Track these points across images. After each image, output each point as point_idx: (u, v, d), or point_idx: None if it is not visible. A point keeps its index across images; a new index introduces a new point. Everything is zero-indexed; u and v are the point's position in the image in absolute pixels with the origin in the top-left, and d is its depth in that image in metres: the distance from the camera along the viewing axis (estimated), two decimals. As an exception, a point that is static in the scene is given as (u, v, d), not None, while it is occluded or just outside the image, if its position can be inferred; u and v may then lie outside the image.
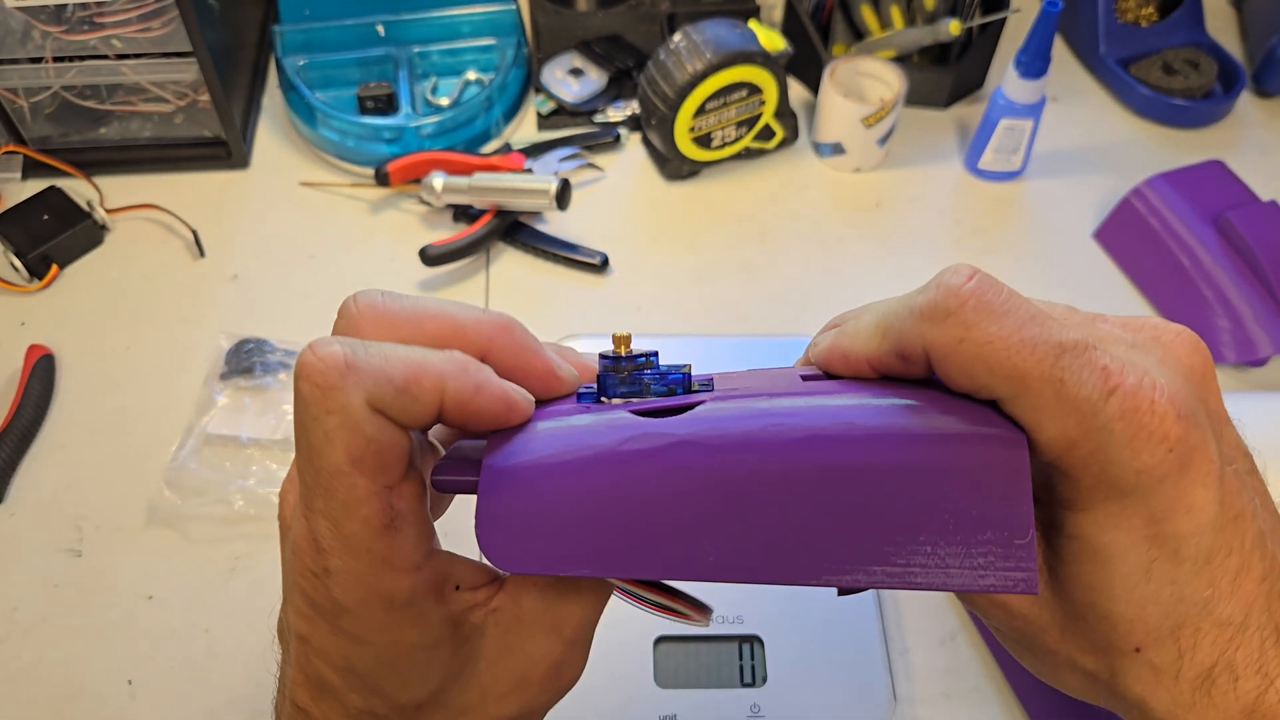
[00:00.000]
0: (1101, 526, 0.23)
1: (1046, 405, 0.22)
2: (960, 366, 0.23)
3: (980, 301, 0.22)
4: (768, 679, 0.49)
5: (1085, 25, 0.83)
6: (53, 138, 0.73)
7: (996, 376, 0.22)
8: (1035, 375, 0.22)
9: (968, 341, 0.22)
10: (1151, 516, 0.22)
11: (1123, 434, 0.22)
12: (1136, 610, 0.23)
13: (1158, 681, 0.23)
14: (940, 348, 0.23)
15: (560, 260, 0.69)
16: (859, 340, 0.25)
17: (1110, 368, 0.22)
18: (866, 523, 0.22)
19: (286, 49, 0.77)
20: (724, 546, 0.23)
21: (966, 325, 0.22)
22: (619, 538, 0.23)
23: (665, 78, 0.68)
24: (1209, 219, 0.66)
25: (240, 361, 0.61)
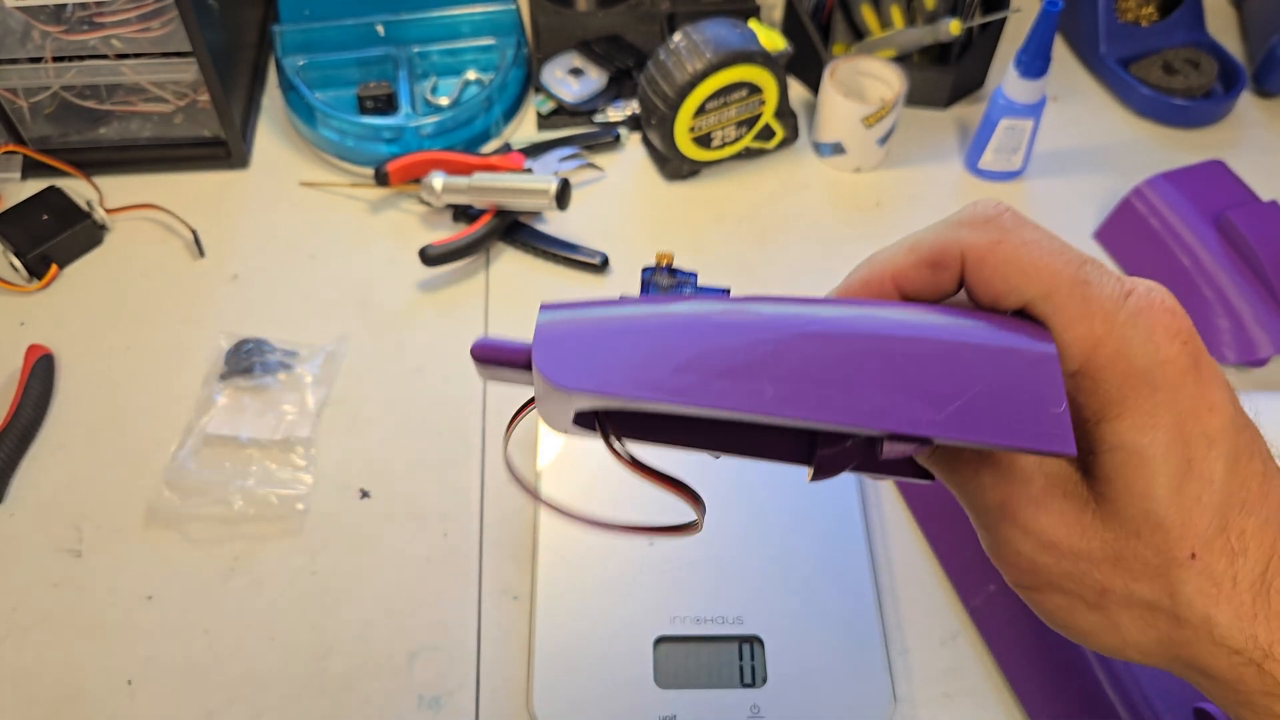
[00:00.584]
0: (1139, 428, 0.24)
1: (1074, 304, 0.24)
2: (996, 266, 0.25)
3: (1015, 214, 0.25)
4: (768, 679, 0.49)
5: (1085, 25, 0.83)
6: (52, 138, 0.73)
7: (1030, 275, 0.24)
8: (1065, 276, 0.24)
9: (1005, 243, 0.25)
10: (1180, 415, 0.24)
11: (1143, 328, 0.24)
12: (1186, 512, 0.24)
13: (1218, 591, 0.24)
14: (979, 249, 0.25)
15: (560, 260, 0.69)
16: (884, 257, 0.27)
17: (1122, 279, 0.25)
18: (915, 380, 0.24)
19: (286, 49, 0.77)
20: (782, 387, 0.24)
21: (1005, 229, 0.25)
22: (677, 371, 0.24)
23: (665, 77, 0.68)
24: (1209, 219, 0.66)
25: (240, 361, 0.61)
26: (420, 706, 0.50)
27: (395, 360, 0.64)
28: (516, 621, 0.53)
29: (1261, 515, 0.24)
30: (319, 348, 0.63)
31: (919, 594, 0.54)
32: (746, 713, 0.48)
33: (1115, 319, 0.24)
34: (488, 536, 0.56)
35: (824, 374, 0.24)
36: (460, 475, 0.58)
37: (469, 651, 0.52)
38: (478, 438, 0.60)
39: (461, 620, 0.53)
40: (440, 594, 0.54)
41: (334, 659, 0.52)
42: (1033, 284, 0.24)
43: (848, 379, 0.24)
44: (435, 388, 0.62)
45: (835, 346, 0.24)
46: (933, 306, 0.26)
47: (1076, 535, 0.25)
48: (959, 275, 0.26)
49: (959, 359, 0.24)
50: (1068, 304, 0.24)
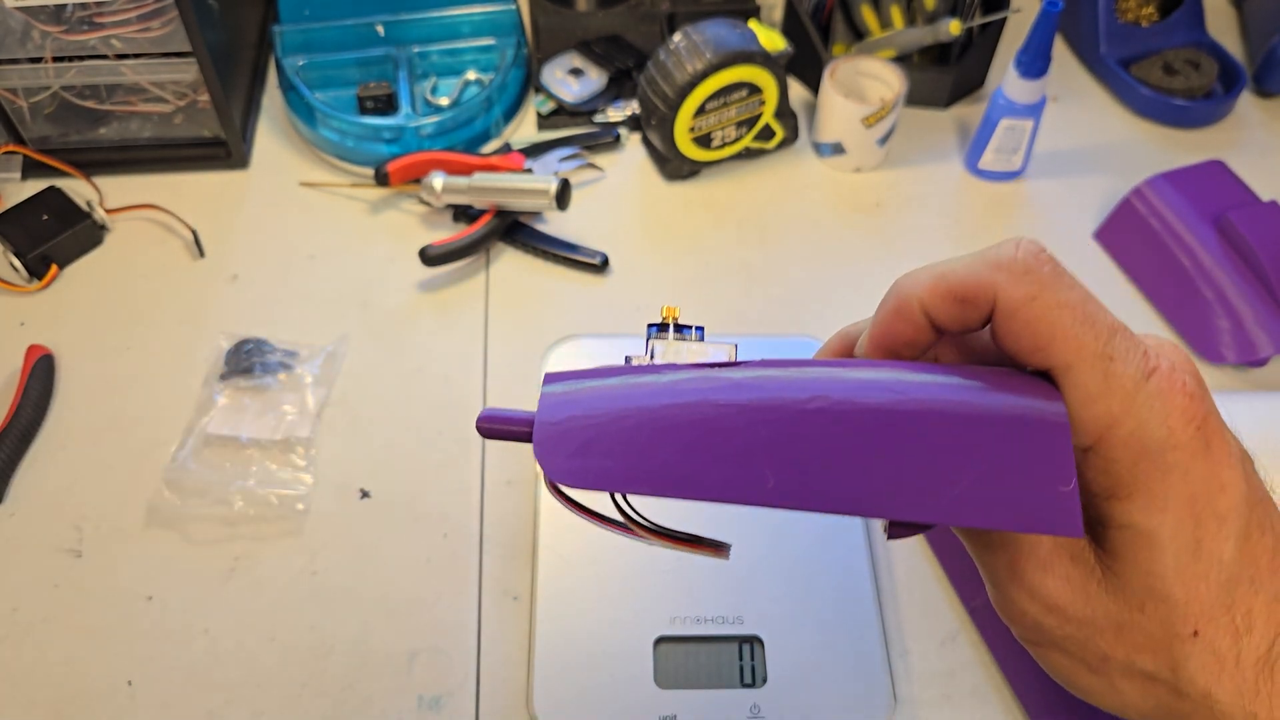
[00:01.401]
0: (1148, 509, 0.24)
1: (1096, 381, 0.24)
2: (1027, 323, 0.24)
3: (1057, 269, 0.24)
4: (768, 679, 0.49)
5: (1085, 25, 0.83)
6: (52, 138, 0.72)
7: (1057, 343, 0.24)
8: (1090, 350, 0.24)
9: (1039, 301, 0.24)
10: (1191, 496, 0.24)
11: (1160, 410, 0.23)
12: (1190, 590, 0.24)
13: (1220, 668, 0.24)
14: (1013, 299, 0.24)
15: (560, 260, 0.69)
16: (911, 283, 0.26)
17: (1149, 353, 0.24)
18: (919, 460, 0.23)
19: (286, 49, 0.77)
20: (783, 475, 0.23)
21: (1043, 285, 0.24)
22: (678, 460, 0.24)
23: (665, 78, 0.68)
24: (1209, 219, 0.66)
25: (240, 362, 0.61)
26: (420, 707, 0.50)
27: (395, 360, 0.64)
28: (516, 622, 0.53)
29: (1270, 591, 0.24)
30: (319, 348, 0.63)
31: (919, 594, 0.54)
32: (747, 713, 0.48)
33: (1134, 400, 0.23)
34: (488, 537, 0.56)
35: (825, 459, 0.23)
36: (460, 475, 0.58)
37: (469, 652, 0.52)
38: (478, 438, 0.60)
39: (461, 620, 0.53)
40: (440, 594, 0.54)
41: (334, 659, 0.52)
42: (1058, 353, 0.24)
43: (848, 463, 0.23)
44: (435, 388, 0.62)
45: (836, 426, 0.24)
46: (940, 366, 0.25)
47: (1081, 602, 0.25)
48: (987, 315, 0.25)
49: (965, 432, 0.23)
50: (1089, 380, 0.24)
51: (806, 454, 0.23)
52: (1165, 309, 0.67)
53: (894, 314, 0.26)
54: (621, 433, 0.24)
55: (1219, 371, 0.65)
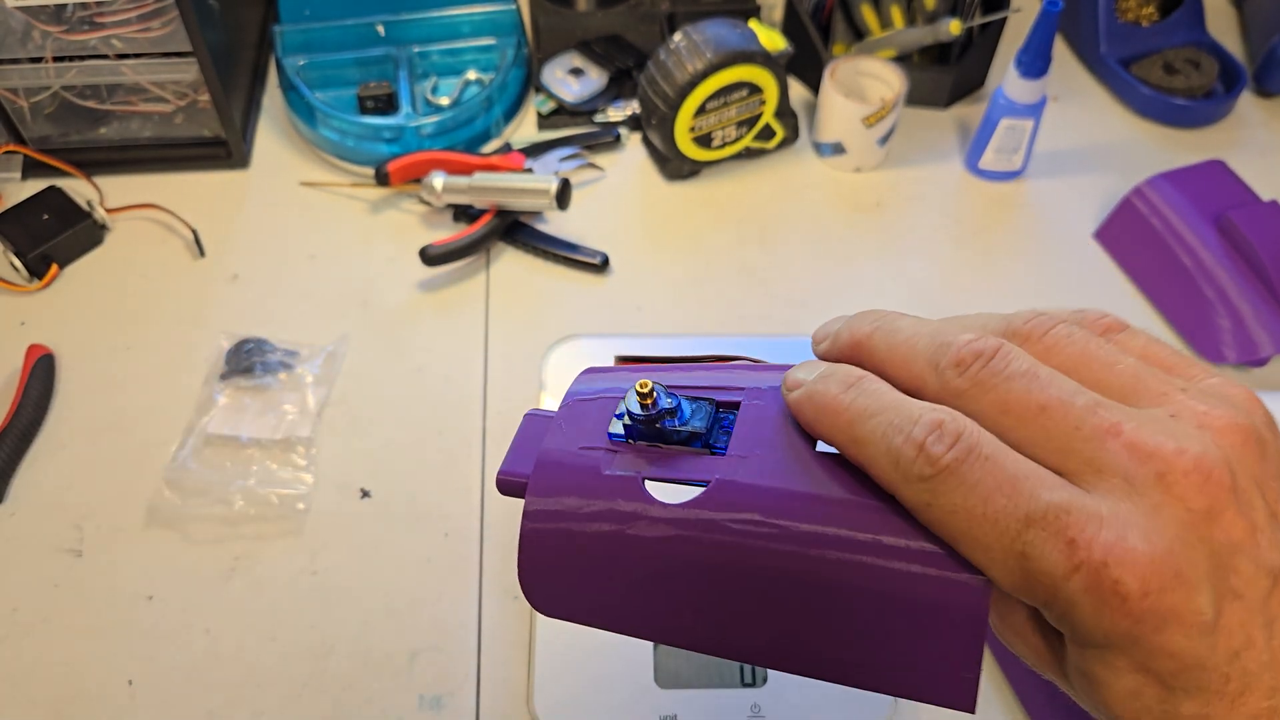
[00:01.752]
0: (1088, 660, 0.23)
1: (1013, 575, 0.22)
2: (930, 525, 0.23)
3: (954, 473, 0.22)
4: (768, 679, 0.49)
5: (1086, 25, 0.83)
6: (53, 137, 0.73)
7: (962, 546, 0.23)
8: (998, 548, 0.22)
9: (934, 508, 0.23)
10: (1133, 662, 0.22)
11: (1088, 607, 0.22)
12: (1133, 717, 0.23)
13: None
14: (909, 502, 0.23)
15: (560, 260, 0.69)
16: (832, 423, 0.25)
17: (1078, 540, 0.21)
18: (828, 628, 0.25)
19: (286, 49, 0.76)
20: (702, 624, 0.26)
21: (935, 493, 0.23)
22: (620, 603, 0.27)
23: (665, 77, 0.68)
24: (1210, 219, 0.66)
25: (240, 361, 0.61)
26: (421, 706, 0.50)
27: (396, 360, 0.64)
28: (517, 621, 0.53)
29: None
30: (320, 347, 0.63)
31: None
32: (747, 712, 0.48)
33: (1057, 595, 0.22)
34: (488, 536, 0.56)
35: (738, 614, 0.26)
36: (461, 475, 0.58)
37: (469, 651, 0.52)
38: (478, 437, 0.60)
39: (462, 620, 0.53)
40: (441, 594, 0.54)
41: (335, 659, 0.52)
42: (967, 554, 0.23)
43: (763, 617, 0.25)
44: (436, 387, 0.62)
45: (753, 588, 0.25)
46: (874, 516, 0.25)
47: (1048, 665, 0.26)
48: None
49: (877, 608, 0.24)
50: (1009, 575, 0.22)
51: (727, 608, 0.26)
52: (1166, 309, 0.67)
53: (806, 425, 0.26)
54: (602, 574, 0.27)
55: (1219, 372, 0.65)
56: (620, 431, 0.28)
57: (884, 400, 0.24)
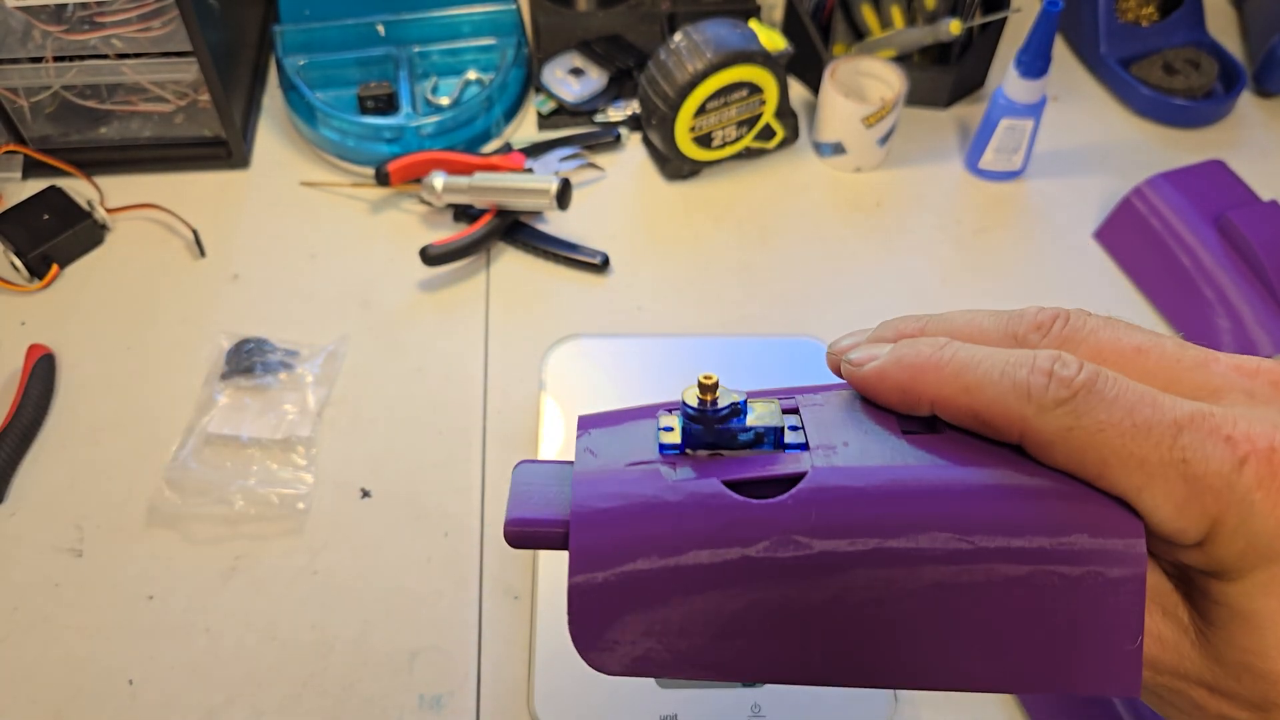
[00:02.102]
0: (1251, 595, 0.22)
1: (1176, 490, 0.21)
2: (1070, 455, 0.22)
3: (1091, 391, 0.21)
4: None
5: (1086, 25, 0.83)
6: (53, 137, 0.73)
7: (1116, 468, 0.21)
8: (1155, 460, 0.21)
9: (1078, 430, 0.21)
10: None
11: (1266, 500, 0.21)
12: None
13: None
14: (1046, 434, 0.22)
15: (561, 260, 0.69)
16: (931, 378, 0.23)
17: (1235, 435, 0.21)
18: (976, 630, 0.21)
19: (287, 49, 0.77)
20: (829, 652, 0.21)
21: (1077, 414, 0.21)
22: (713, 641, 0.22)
23: (666, 77, 0.68)
24: (1210, 219, 0.66)
25: (241, 361, 0.61)
26: (421, 706, 0.50)
27: (396, 360, 0.64)
28: (517, 621, 0.53)
29: None
30: (320, 347, 0.63)
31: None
32: (747, 712, 0.48)
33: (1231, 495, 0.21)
34: (488, 536, 0.56)
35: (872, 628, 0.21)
36: (461, 475, 0.58)
37: (470, 651, 0.52)
38: (478, 437, 0.60)
39: (462, 620, 0.53)
40: (441, 593, 0.54)
41: (335, 659, 0.52)
42: (1118, 478, 0.21)
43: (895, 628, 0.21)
44: (436, 387, 0.62)
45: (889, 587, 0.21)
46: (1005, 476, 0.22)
47: (1174, 658, 0.23)
48: (1017, 440, 0.23)
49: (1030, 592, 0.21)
50: (1170, 492, 0.21)
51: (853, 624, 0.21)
52: (1165, 309, 0.67)
53: (895, 390, 0.24)
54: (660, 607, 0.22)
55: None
56: (674, 441, 0.24)
57: (986, 349, 0.23)
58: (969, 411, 0.23)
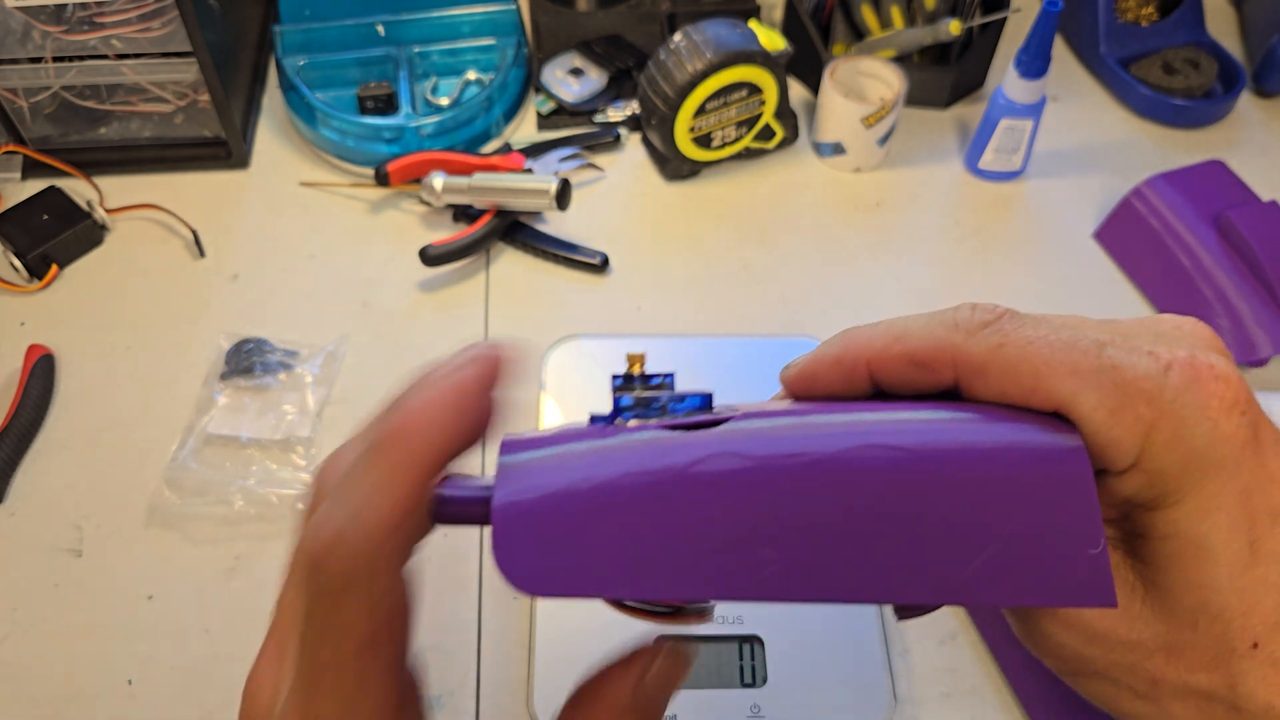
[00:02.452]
0: (1197, 515, 0.22)
1: (1110, 395, 0.21)
2: (1004, 373, 0.22)
3: (1014, 315, 0.23)
4: (768, 679, 0.49)
5: (1085, 25, 0.83)
6: (52, 138, 0.73)
7: (1046, 376, 0.22)
8: (1086, 367, 0.21)
9: (1008, 345, 0.22)
10: (1244, 491, 0.22)
11: (1196, 403, 0.21)
12: (1249, 599, 0.22)
13: (1276, 684, 0.22)
14: (978, 356, 0.22)
15: (560, 260, 0.69)
16: (863, 339, 0.24)
17: (1155, 350, 0.22)
18: (929, 536, 0.21)
19: (286, 49, 0.77)
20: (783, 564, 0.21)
21: (1004, 333, 0.22)
22: (660, 555, 0.21)
23: (665, 77, 0.68)
24: (1209, 219, 0.66)
25: (240, 361, 0.61)
26: (420, 706, 0.50)
27: (396, 360, 0.64)
28: (517, 621, 0.53)
29: None
30: (320, 347, 0.63)
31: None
32: (747, 713, 0.48)
33: (1161, 399, 0.21)
34: (488, 535, 0.56)
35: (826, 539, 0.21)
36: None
37: (470, 651, 0.52)
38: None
39: (462, 620, 0.53)
40: (441, 593, 0.54)
41: (334, 659, 0.52)
42: (1052, 386, 0.22)
43: (851, 540, 0.21)
44: (435, 388, 0.62)
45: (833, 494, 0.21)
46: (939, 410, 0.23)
47: (1125, 626, 0.23)
48: (944, 382, 0.23)
49: (979, 496, 0.21)
50: (1103, 397, 0.21)
51: (805, 535, 0.21)
52: (1164, 309, 0.68)
53: (833, 365, 0.24)
54: (591, 529, 0.21)
55: (1219, 371, 0.65)
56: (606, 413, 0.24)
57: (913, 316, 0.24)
58: (903, 357, 0.23)
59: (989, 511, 0.21)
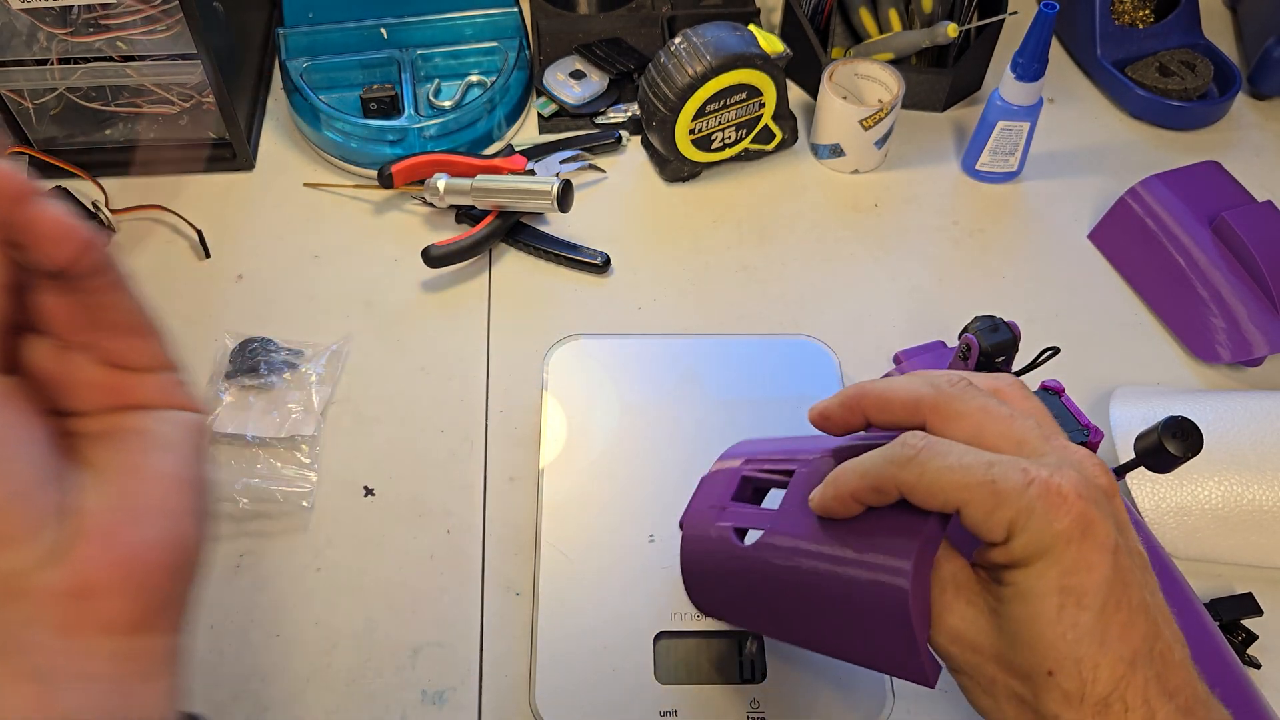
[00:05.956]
0: (1029, 576, 0.32)
1: (988, 501, 0.32)
2: (924, 494, 0.33)
3: (930, 449, 0.33)
4: (767, 674, 0.50)
5: (1081, 27, 0.84)
6: (58, 139, 0.73)
7: (949, 494, 0.32)
8: (974, 485, 0.32)
9: (926, 474, 0.33)
10: (1063, 570, 0.31)
11: (1041, 509, 0.31)
12: (1051, 641, 0.31)
13: (1067, 703, 0.31)
14: (908, 483, 0.33)
15: (562, 261, 0.69)
16: (844, 479, 0.36)
17: (1028, 469, 0.32)
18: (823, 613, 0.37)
19: (291, 52, 0.77)
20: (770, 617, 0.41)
21: (922, 465, 0.33)
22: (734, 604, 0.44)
23: (666, 80, 0.69)
24: (1204, 219, 0.67)
25: (245, 360, 0.62)
26: (424, 701, 0.51)
27: (399, 359, 0.64)
28: (519, 617, 0.53)
29: (1115, 653, 0.31)
30: (324, 347, 0.64)
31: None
32: (746, 708, 0.49)
33: (1020, 504, 0.31)
34: (490, 533, 0.57)
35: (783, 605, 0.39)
36: (463, 473, 0.59)
37: (472, 647, 0.53)
38: (480, 435, 0.61)
39: (464, 616, 0.54)
40: (443, 590, 0.54)
41: (338, 655, 0.52)
42: (952, 499, 0.32)
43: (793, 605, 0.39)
44: (438, 386, 0.63)
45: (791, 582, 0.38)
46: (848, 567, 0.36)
47: (974, 634, 0.34)
48: (899, 495, 0.34)
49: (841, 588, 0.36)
50: (982, 503, 0.32)
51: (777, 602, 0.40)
52: (1160, 309, 0.68)
53: (834, 501, 0.36)
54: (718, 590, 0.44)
55: (1214, 371, 0.65)
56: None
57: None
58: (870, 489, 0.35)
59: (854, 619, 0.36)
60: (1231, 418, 0.56)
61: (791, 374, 0.60)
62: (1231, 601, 0.53)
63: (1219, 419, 0.56)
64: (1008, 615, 0.32)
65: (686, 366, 0.60)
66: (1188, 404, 0.58)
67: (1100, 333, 0.67)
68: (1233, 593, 0.54)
